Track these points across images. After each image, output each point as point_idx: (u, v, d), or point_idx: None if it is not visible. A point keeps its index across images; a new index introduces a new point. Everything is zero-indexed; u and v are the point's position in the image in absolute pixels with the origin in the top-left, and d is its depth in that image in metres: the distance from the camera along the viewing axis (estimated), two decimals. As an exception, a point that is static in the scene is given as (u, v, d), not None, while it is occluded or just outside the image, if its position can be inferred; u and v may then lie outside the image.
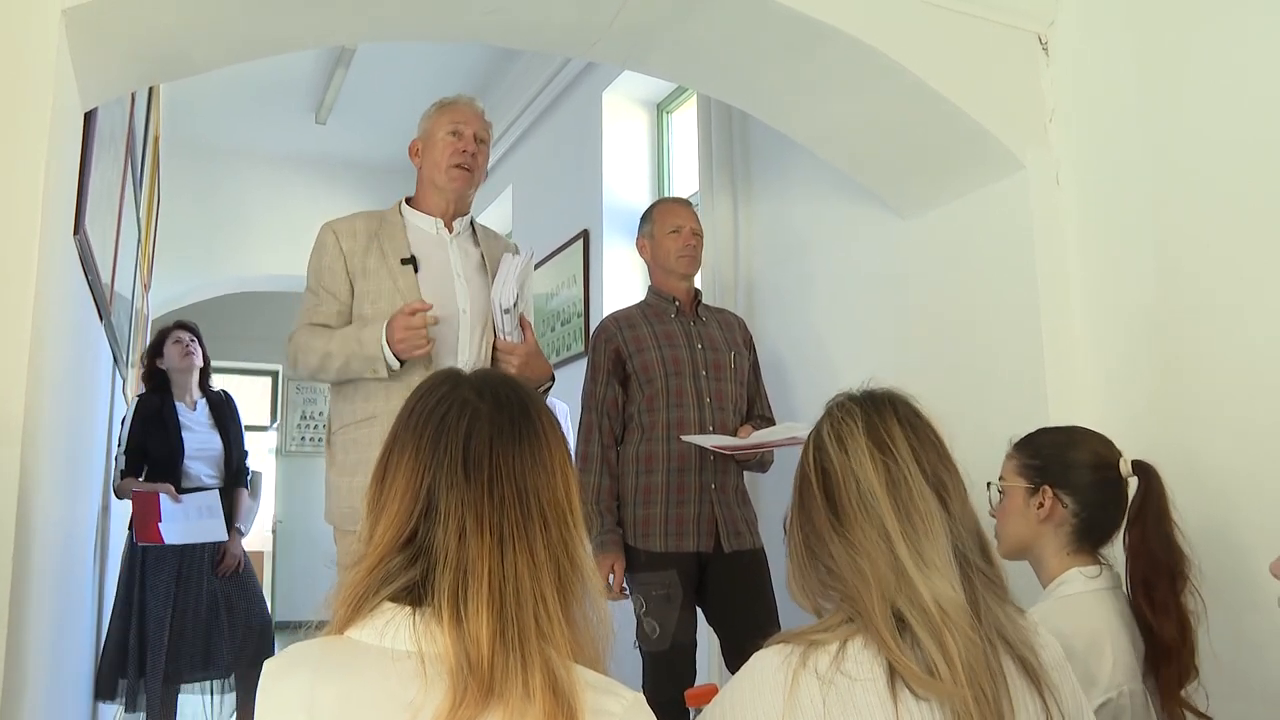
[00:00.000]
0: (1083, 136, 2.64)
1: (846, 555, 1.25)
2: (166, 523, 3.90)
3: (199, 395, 4.31)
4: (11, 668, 1.75)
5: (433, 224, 2.55)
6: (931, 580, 1.20)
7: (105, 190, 2.83)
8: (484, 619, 0.99)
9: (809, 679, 1.16)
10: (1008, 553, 1.84)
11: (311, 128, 6.40)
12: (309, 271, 2.51)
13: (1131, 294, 2.49)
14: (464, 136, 2.52)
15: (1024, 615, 1.31)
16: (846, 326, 3.35)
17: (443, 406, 1.11)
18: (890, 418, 1.32)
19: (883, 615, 1.18)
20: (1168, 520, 1.77)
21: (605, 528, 2.78)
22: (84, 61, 2.05)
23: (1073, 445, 1.87)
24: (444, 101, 2.60)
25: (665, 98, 4.92)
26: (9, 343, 1.77)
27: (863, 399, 1.36)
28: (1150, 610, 1.72)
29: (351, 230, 2.49)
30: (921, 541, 1.23)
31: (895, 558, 1.21)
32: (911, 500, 1.25)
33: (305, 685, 1.00)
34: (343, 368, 2.37)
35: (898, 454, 1.28)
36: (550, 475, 1.09)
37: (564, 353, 5.10)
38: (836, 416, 1.34)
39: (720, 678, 3.35)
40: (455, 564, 1.02)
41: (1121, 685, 1.65)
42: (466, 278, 2.52)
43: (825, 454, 1.32)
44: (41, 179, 1.83)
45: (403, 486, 1.07)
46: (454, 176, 2.51)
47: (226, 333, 8.30)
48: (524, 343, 2.50)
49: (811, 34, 2.50)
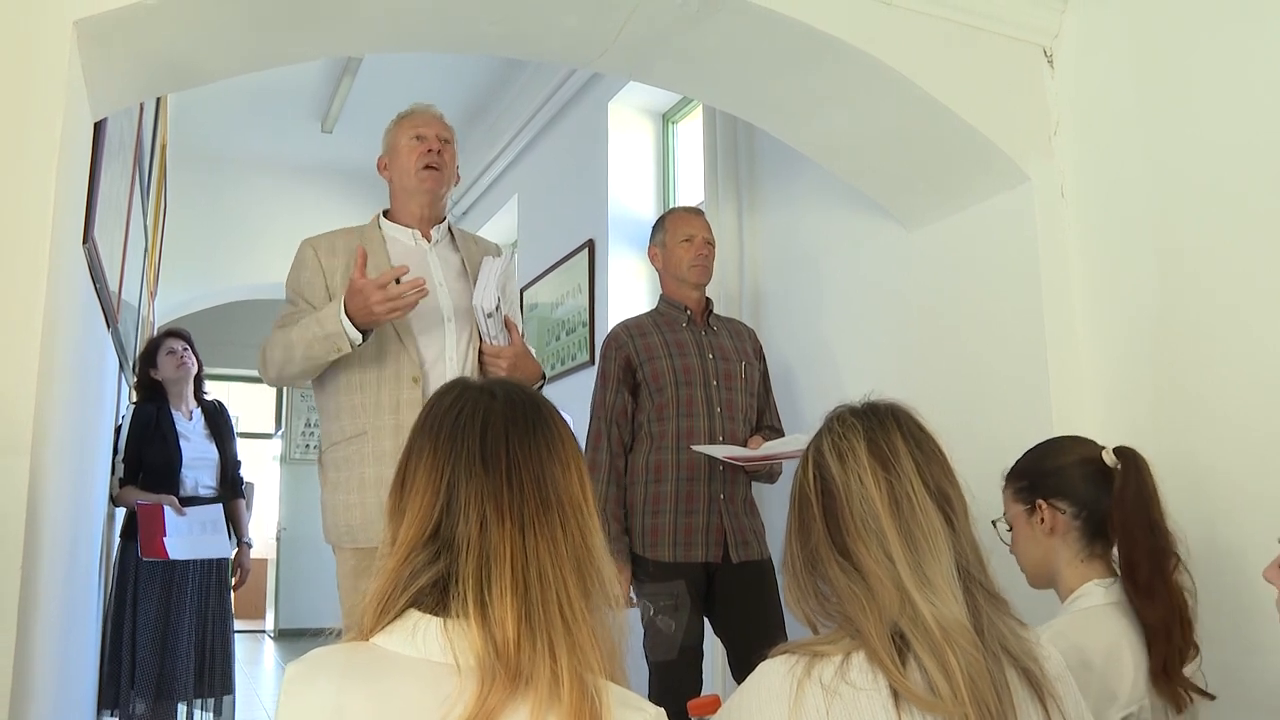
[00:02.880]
0: (1087, 148, 2.65)
1: (844, 579, 1.23)
2: (171, 537, 3.89)
3: (194, 405, 4.30)
4: (20, 677, 1.75)
5: (410, 234, 2.56)
6: (934, 600, 1.18)
7: (114, 199, 2.85)
8: (509, 603, 1.00)
9: (814, 688, 1.16)
10: (1034, 580, 1.84)
11: (318, 137, 6.42)
12: (288, 285, 2.51)
13: (1136, 305, 2.50)
14: (427, 139, 2.54)
15: (1026, 628, 1.30)
16: (852, 337, 3.35)
17: (456, 406, 1.13)
18: (893, 431, 1.29)
19: (881, 638, 1.17)
20: (1151, 502, 1.76)
21: (612, 537, 2.78)
22: (94, 72, 2.07)
23: (1051, 454, 1.88)
24: (402, 113, 2.63)
25: (671, 108, 4.93)
26: (19, 351, 1.78)
27: (864, 412, 1.32)
28: (1135, 592, 1.72)
29: (331, 247, 2.49)
30: (925, 561, 1.21)
31: (897, 578, 1.20)
32: (914, 518, 1.23)
33: (330, 692, 0.99)
34: (305, 353, 2.32)
35: (901, 470, 1.25)
36: (565, 469, 1.10)
37: (569, 362, 5.10)
38: (837, 431, 1.31)
39: (725, 688, 3.35)
40: (478, 552, 1.03)
41: (1142, 699, 1.64)
42: (448, 285, 2.52)
43: (825, 470, 1.29)
44: (52, 188, 1.84)
45: (423, 485, 1.08)
46: (424, 178, 2.53)
47: (232, 340, 8.31)
48: (510, 345, 2.50)
49: (817, 46, 2.51)
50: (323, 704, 0.99)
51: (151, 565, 3.93)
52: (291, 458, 9.96)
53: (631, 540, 2.82)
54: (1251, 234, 2.24)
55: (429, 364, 2.43)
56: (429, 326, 2.45)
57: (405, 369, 2.39)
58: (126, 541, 4.01)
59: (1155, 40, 2.49)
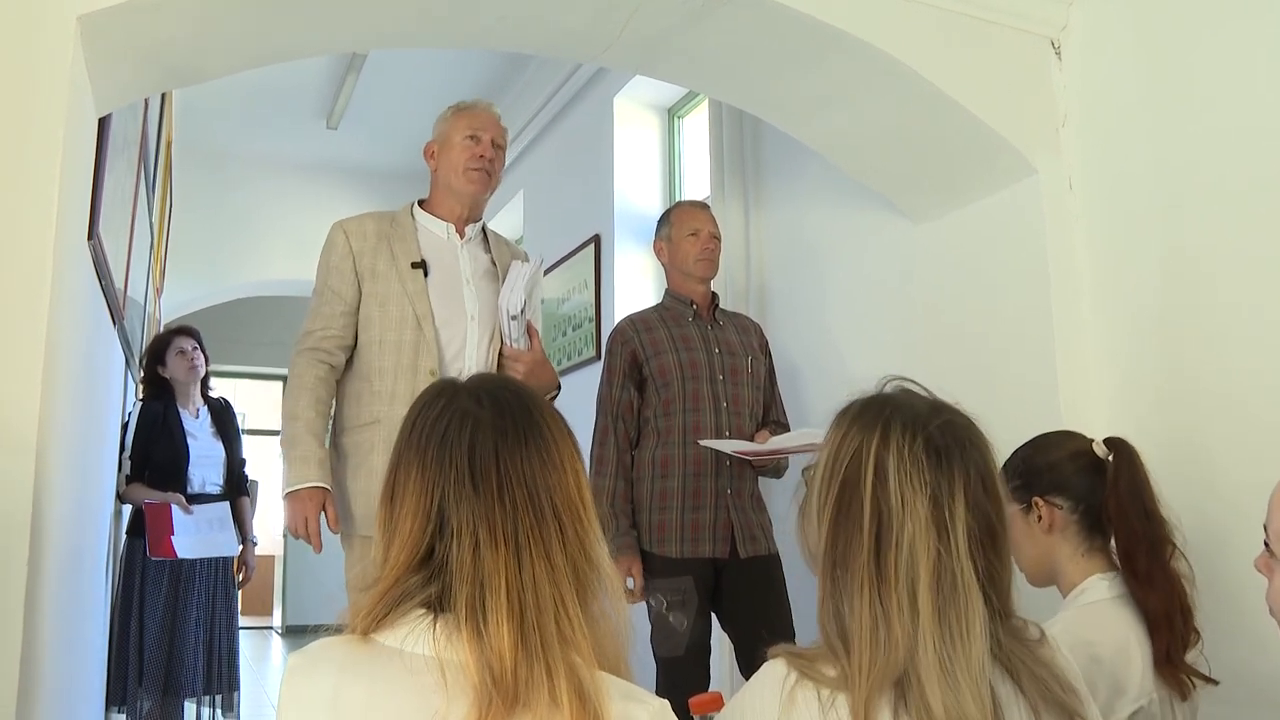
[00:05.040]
0: (1095, 141, 2.63)
1: (867, 611, 1.14)
2: (179, 536, 3.90)
3: (200, 402, 4.30)
4: (26, 674, 1.75)
5: (444, 228, 2.55)
6: (950, 695, 1.09)
7: (119, 195, 2.84)
8: (505, 630, 0.99)
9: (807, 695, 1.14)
10: (1034, 579, 1.83)
11: (323, 133, 6.42)
12: (318, 270, 2.51)
13: (1143, 298, 2.48)
14: (482, 142, 2.52)
15: (1043, 644, 1.23)
16: (858, 332, 3.34)
17: (443, 420, 1.10)
18: (957, 489, 1.16)
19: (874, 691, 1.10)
20: (1145, 490, 1.75)
21: (620, 531, 2.78)
22: (98, 67, 2.06)
23: (1041, 450, 1.87)
24: (461, 105, 2.59)
25: (676, 103, 4.91)
26: (23, 349, 1.78)
27: (933, 445, 1.19)
28: (1134, 581, 1.71)
29: (361, 230, 2.49)
30: (954, 645, 1.11)
31: (915, 649, 1.11)
32: (954, 597, 1.13)
33: (330, 684, 1.01)
34: (284, 441, 2.42)
35: (954, 540, 1.14)
36: (560, 473, 1.09)
37: (575, 358, 5.10)
38: (904, 455, 1.17)
39: (733, 684, 3.35)
40: (472, 577, 1.02)
41: (1152, 693, 1.63)
42: (476, 283, 2.52)
43: (884, 493, 1.16)
44: (56, 184, 1.84)
45: (413, 506, 1.07)
46: (471, 179, 2.51)
47: (238, 337, 8.33)
48: (530, 350, 2.50)
49: (823, 39, 2.50)
50: (321, 694, 1.01)
51: (159, 562, 3.93)
52: (299, 455, 9.95)
53: (639, 536, 2.81)
54: (1258, 226, 2.22)
55: (448, 359, 2.44)
56: (452, 322, 2.45)
57: (424, 361, 2.40)
58: (133, 539, 4.01)
59: (1162, 33, 2.48)
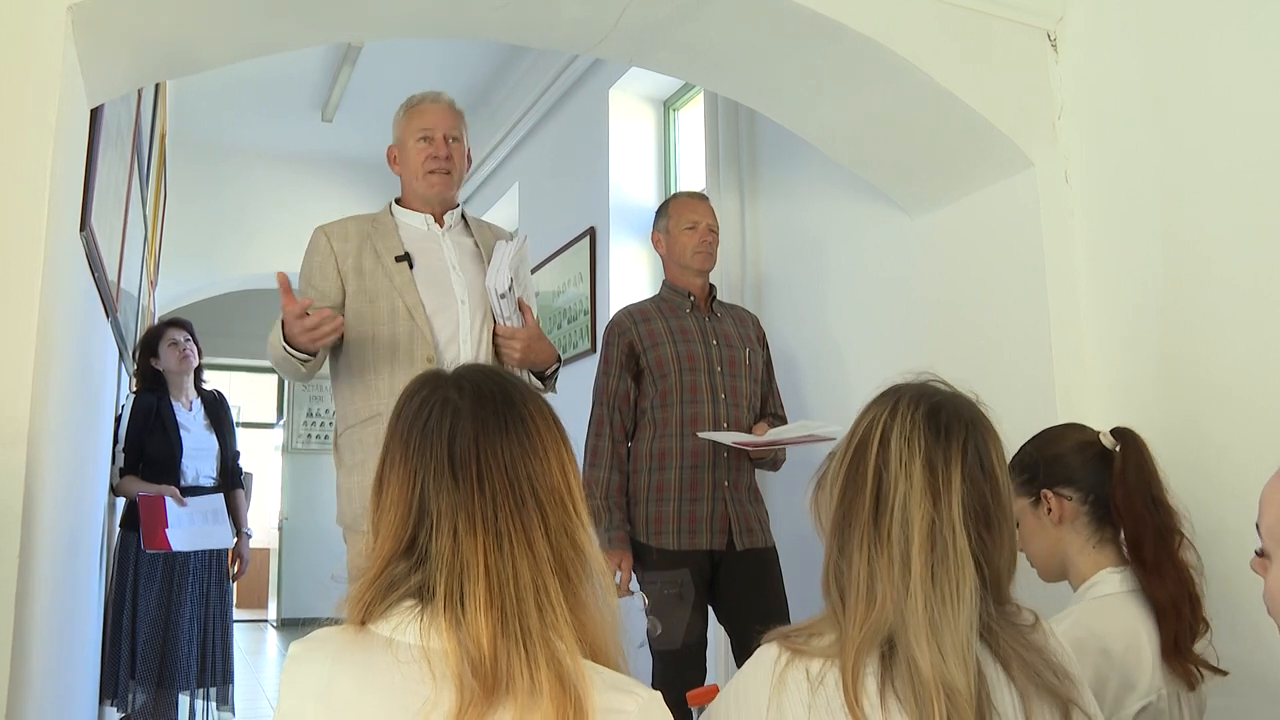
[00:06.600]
0: (1091, 133, 2.63)
1: (865, 568, 1.19)
2: (174, 529, 3.89)
3: (194, 395, 4.29)
4: (17, 667, 1.75)
5: (423, 220, 2.56)
6: (942, 656, 1.12)
7: (111, 187, 2.83)
8: (482, 618, 1.00)
9: (796, 676, 1.17)
10: (1045, 573, 1.83)
11: (318, 125, 6.40)
12: (300, 272, 2.52)
13: (1140, 289, 2.48)
14: (434, 140, 2.52)
15: (1036, 630, 1.26)
16: (855, 324, 3.34)
17: (425, 410, 1.11)
18: (955, 460, 1.22)
19: (861, 651, 1.14)
20: (1152, 480, 1.75)
21: (614, 524, 2.77)
22: (90, 58, 2.05)
23: (1048, 443, 1.87)
24: (411, 103, 2.59)
25: (672, 95, 4.90)
26: (14, 341, 1.77)
27: (931, 421, 1.25)
28: (1142, 571, 1.71)
29: (343, 233, 2.50)
30: (944, 606, 1.15)
31: (904, 609, 1.15)
32: (945, 564, 1.17)
33: (323, 672, 1.05)
34: (283, 368, 2.37)
35: (948, 508, 1.19)
36: (542, 461, 1.09)
37: (570, 350, 5.09)
38: (905, 421, 1.24)
39: (728, 677, 3.34)
40: (451, 566, 1.03)
41: (1161, 689, 1.63)
42: (462, 268, 2.53)
43: (886, 460, 1.22)
44: (47, 175, 1.83)
45: (397, 496, 1.09)
46: (431, 183, 2.52)
47: (232, 330, 8.32)
48: (525, 327, 2.50)
49: (820, 31, 2.49)
50: (317, 680, 1.05)
51: (152, 555, 3.93)
52: (293, 448, 9.98)
53: (635, 528, 2.81)
54: (1256, 217, 2.22)
55: (443, 345, 2.44)
56: (443, 309, 2.45)
57: (419, 350, 2.40)
58: (127, 531, 4.01)
59: (1159, 24, 2.47)
